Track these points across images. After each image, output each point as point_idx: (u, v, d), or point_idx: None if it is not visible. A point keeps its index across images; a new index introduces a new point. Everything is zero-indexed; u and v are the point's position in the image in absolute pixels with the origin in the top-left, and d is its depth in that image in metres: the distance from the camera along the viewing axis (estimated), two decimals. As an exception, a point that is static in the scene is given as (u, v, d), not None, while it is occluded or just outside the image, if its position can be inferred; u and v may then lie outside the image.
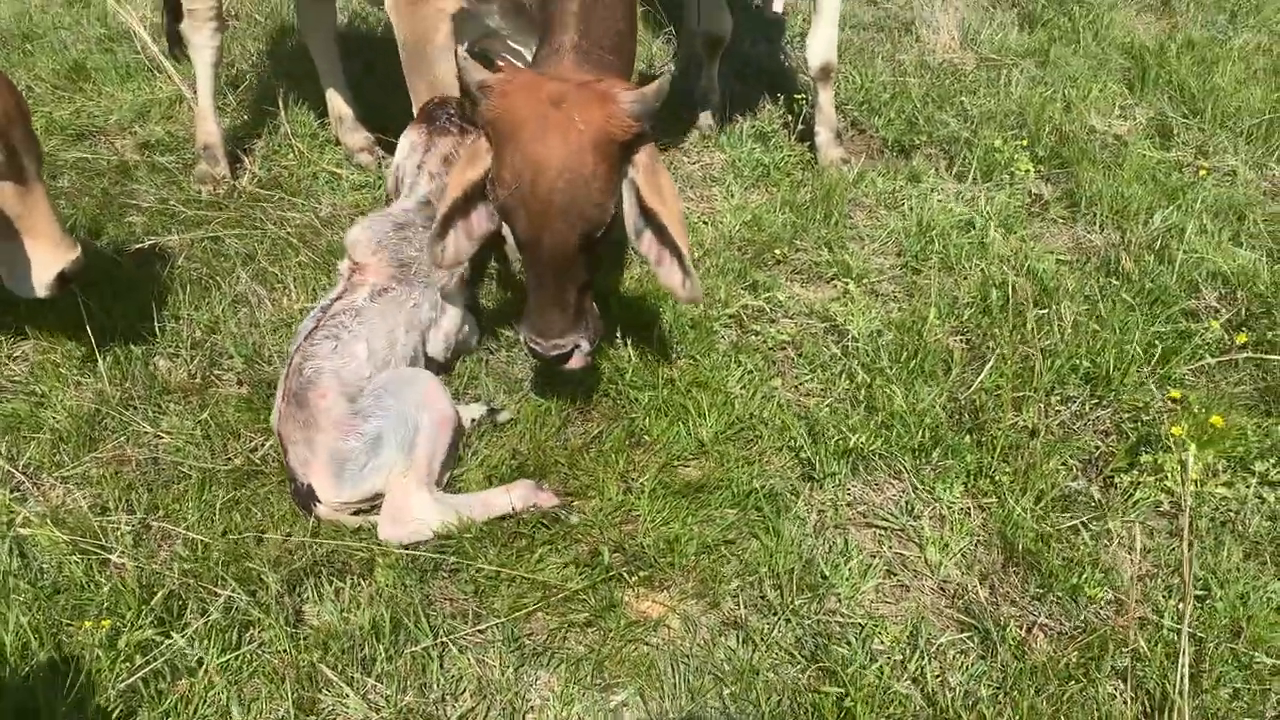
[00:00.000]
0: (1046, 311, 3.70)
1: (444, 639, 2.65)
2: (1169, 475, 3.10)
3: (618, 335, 3.59)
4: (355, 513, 3.00)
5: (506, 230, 3.09)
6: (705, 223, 4.40)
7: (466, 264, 3.32)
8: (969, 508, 3.07)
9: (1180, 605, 2.67)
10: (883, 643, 2.67)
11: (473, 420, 3.29)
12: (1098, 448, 3.28)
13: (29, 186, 3.08)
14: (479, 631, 2.69)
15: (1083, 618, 2.74)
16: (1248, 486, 3.08)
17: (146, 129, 5.02)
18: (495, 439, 3.27)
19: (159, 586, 2.71)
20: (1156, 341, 3.57)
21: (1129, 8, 6.48)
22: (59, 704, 2.43)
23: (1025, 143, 4.87)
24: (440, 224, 3.05)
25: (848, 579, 2.83)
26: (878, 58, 5.76)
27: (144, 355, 3.55)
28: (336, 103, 4.80)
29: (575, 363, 3.05)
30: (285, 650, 2.59)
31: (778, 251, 4.18)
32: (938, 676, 2.59)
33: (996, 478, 3.11)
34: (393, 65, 3.79)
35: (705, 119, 5.14)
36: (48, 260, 3.13)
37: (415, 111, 3.77)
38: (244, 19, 6.01)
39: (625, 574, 2.83)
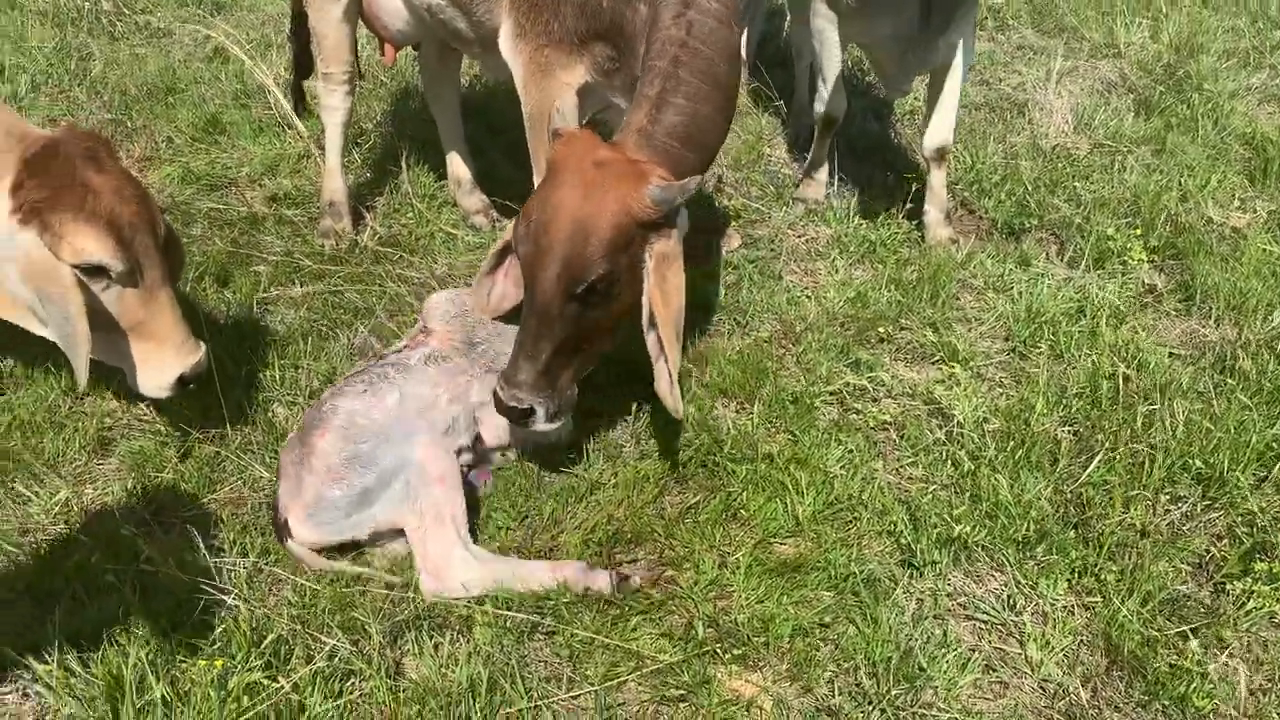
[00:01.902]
0: (1157, 407, 3.62)
1: (538, 702, 2.69)
2: (1285, 586, 3.00)
3: (717, 406, 3.61)
4: (328, 556, 3.07)
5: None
6: (809, 297, 4.43)
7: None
8: (1072, 606, 3.01)
9: (1296, 725, 2.58)
10: (980, 741, 2.63)
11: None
12: (1209, 551, 3.19)
13: (153, 293, 3.12)
14: (573, 698, 2.72)
15: (1190, 730, 2.66)
16: (1371, 604, 2.96)
17: (275, 182, 5.26)
18: (592, 503, 3.32)
19: (269, 630, 2.81)
20: (1275, 444, 3.47)
21: (1250, 96, 6.36)
22: (171, 739, 2.52)
23: (1139, 231, 4.79)
24: (492, 259, 3.26)
25: (945, 672, 2.78)
26: (989, 139, 5.74)
27: (264, 402, 3.70)
28: (456, 165, 4.97)
29: (536, 427, 3.15)
30: (385, 703, 2.65)
31: (881, 329, 4.18)
32: (1036, 780, 2.54)
33: (1102, 576, 3.04)
34: (513, 130, 3.92)
35: (812, 193, 5.17)
36: (169, 363, 3.20)
37: (535, 179, 3.89)
38: (370, 79, 6.27)
39: (719, 650, 2.84)
